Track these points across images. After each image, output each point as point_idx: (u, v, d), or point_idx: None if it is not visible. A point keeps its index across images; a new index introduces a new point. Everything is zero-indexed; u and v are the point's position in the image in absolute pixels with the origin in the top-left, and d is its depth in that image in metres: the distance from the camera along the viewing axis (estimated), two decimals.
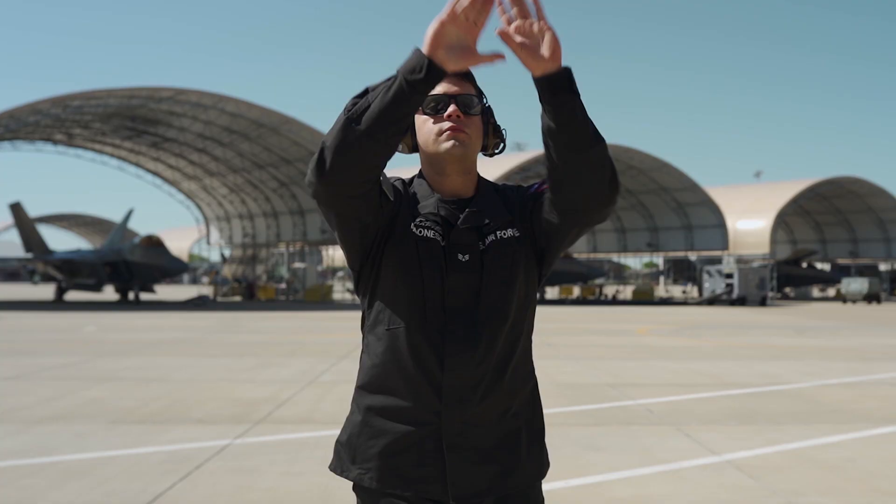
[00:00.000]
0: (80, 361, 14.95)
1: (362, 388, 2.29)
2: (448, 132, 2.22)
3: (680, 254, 63.58)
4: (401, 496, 2.20)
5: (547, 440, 2.44)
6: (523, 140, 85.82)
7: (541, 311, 29.72)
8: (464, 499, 2.21)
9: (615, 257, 71.43)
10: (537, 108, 2.07)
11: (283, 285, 56.37)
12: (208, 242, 65.48)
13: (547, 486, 6.06)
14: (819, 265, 69.84)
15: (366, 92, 2.04)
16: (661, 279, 76.91)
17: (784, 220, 65.29)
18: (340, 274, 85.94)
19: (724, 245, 56.50)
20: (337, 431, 2.38)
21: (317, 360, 15.32)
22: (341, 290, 69.00)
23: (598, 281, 65.33)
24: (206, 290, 62.20)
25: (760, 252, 58.49)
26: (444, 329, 2.19)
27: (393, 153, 2.09)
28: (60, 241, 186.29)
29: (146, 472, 6.57)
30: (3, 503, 5.64)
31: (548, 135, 2.07)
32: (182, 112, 45.73)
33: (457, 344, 2.19)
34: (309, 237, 55.10)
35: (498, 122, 2.36)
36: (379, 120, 1.98)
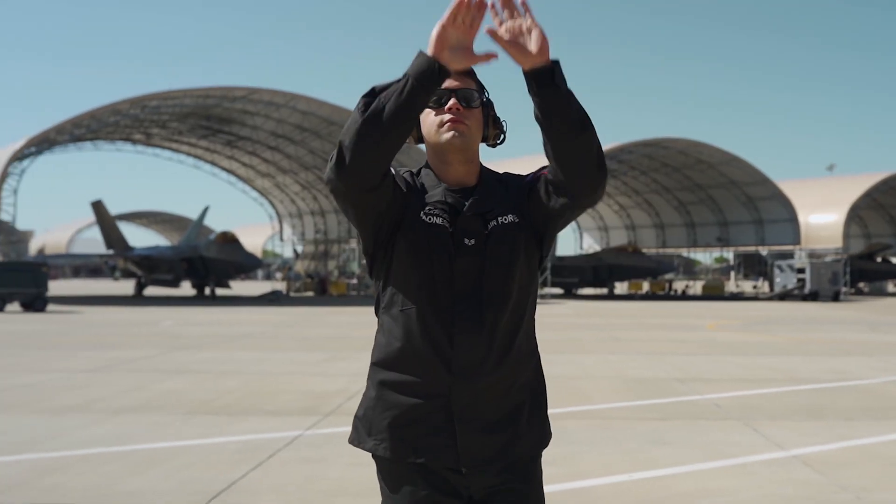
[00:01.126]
0: (157, 354, 15.43)
1: (377, 364, 2.45)
2: (449, 123, 2.39)
3: (750, 248, 62.25)
4: (413, 463, 2.37)
5: (612, 434, 2.60)
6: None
7: (609, 307, 29.74)
8: (474, 465, 2.36)
9: (685, 252, 70.43)
10: (607, 105, 2.19)
11: (355, 280, 57.00)
12: (281, 239, 66.57)
13: (610, 479, 6.17)
14: (894, 260, 67.67)
15: (373, 91, 2.22)
16: (732, 274, 75.35)
17: (857, 214, 63.40)
18: None
19: (796, 239, 55.19)
20: None
21: None
22: None
23: (668, 276, 64.44)
24: (280, 285, 63.21)
25: (833, 246, 56.94)
26: (452, 309, 2.35)
27: (401, 146, 2.27)
28: (140, 237, 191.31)
29: (220, 461, 6.80)
30: (86, 488, 5.91)
31: (538, 122, 2.27)
32: (255, 111, 46.57)
33: (465, 322, 2.34)
34: None
35: (498, 115, 2.52)
36: (395, 118, 2.18)
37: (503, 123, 2.54)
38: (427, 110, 2.42)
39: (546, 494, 5.84)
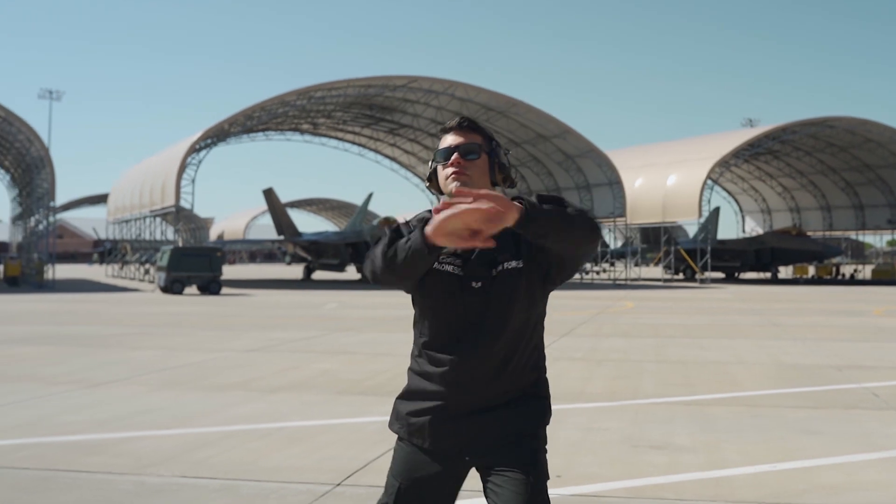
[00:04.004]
0: (317, 336, 15.96)
1: (410, 369, 2.92)
2: (452, 175, 2.76)
3: None
4: (420, 447, 2.84)
5: (759, 422, 2.56)
6: (756, 116, 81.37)
7: (771, 291, 28.41)
8: (472, 454, 2.81)
9: (853, 235, 66.53)
10: (772, 85, 2.05)
11: None
12: None
13: (752, 468, 5.88)
14: None
15: (397, 230, 2.69)
16: None
17: None
18: None
19: None
20: None
21: None
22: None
23: (835, 260, 60.99)
24: None
25: None
26: (458, 337, 2.76)
27: (424, 272, 2.71)
28: (309, 223, 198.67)
29: (361, 440, 6.93)
30: (230, 463, 6.15)
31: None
32: (415, 99, 47.32)
33: (467, 349, 2.75)
34: None
35: (505, 161, 2.84)
36: (405, 269, 2.62)
37: (508, 168, 2.85)
38: (439, 166, 2.84)
39: (683, 483, 5.62)
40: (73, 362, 11.87)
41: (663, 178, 49.57)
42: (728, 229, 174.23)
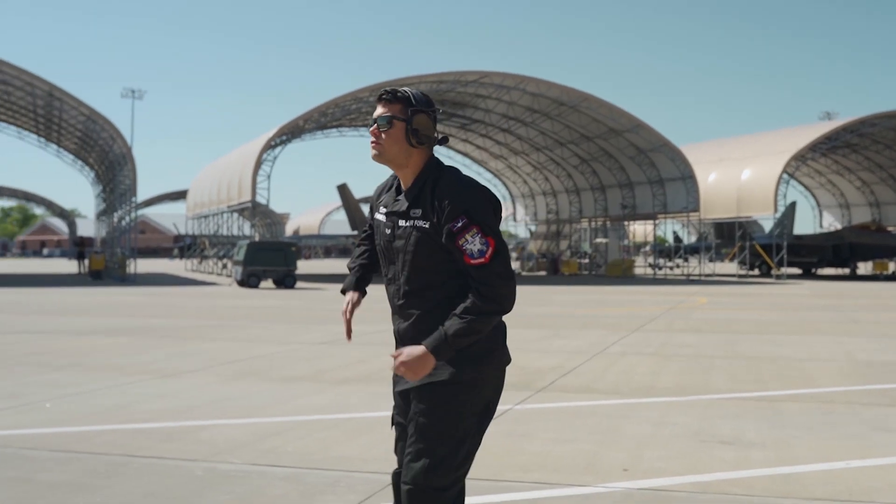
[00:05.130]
0: (388, 329, 16.01)
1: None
2: (371, 143, 3.29)
3: None
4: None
5: (833, 419, 2.55)
6: (834, 110, 78.83)
7: (849, 287, 27.73)
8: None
9: None
10: (848, 77, 2.04)
11: (586, 260, 56.68)
12: (514, 219, 67.40)
13: (824, 465, 5.77)
14: None
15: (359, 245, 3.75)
16: None
17: None
18: (646, 249, 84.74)
19: None
20: (618, 401, 3.58)
21: (608, 333, 15.34)
22: (643, 264, 68.12)
23: None
24: (514, 265, 64.13)
25: None
26: (389, 275, 3.39)
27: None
28: None
29: None
30: (300, 451, 6.28)
31: None
32: (487, 94, 47.29)
33: (391, 282, 3.39)
34: (610, 212, 54.91)
35: (418, 127, 3.22)
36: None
37: (427, 129, 3.23)
38: None
39: (751, 478, 5.53)
40: (151, 353, 12.21)
41: (738, 173, 48.60)
42: (805, 224, 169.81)
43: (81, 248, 50.97)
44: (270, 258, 34.78)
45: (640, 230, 72.18)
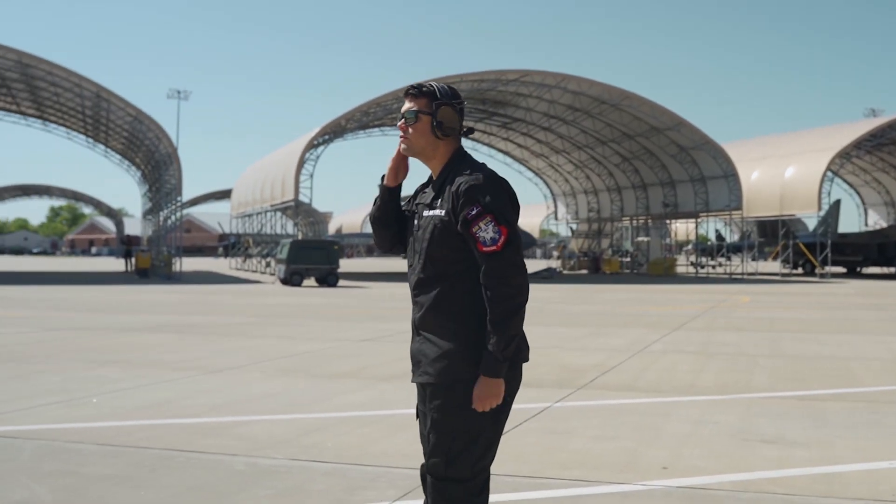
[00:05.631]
0: None
1: None
2: (400, 137, 3.40)
3: None
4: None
5: (877, 418, 2.53)
6: (879, 107, 77.25)
7: (893, 287, 27.12)
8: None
9: None
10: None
11: (628, 258, 56.32)
12: (556, 218, 67.19)
13: (866, 465, 5.70)
14: None
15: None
16: None
17: None
18: (688, 247, 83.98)
19: None
20: (659, 399, 3.34)
21: (649, 331, 15.25)
22: (685, 263, 67.49)
23: None
24: (555, 263, 63.90)
25: None
26: (410, 263, 3.44)
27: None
28: None
29: None
30: (341, 447, 6.34)
31: None
32: (528, 93, 47.21)
33: (413, 276, 3.40)
34: (651, 211, 54.51)
35: (443, 119, 3.30)
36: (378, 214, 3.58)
37: (454, 120, 3.33)
38: None
39: (793, 477, 5.50)
40: (195, 349, 12.40)
41: (781, 171, 47.95)
42: (850, 223, 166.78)
43: (129, 247, 51.82)
44: (313, 256, 35.06)
45: (682, 228, 71.65)
